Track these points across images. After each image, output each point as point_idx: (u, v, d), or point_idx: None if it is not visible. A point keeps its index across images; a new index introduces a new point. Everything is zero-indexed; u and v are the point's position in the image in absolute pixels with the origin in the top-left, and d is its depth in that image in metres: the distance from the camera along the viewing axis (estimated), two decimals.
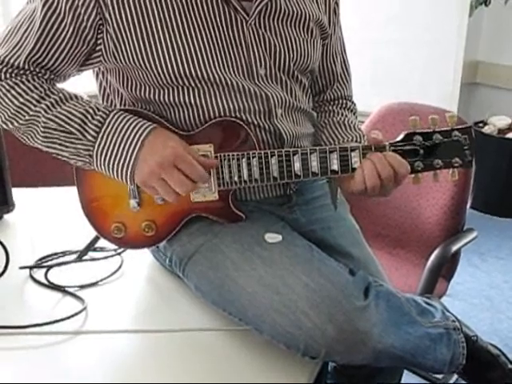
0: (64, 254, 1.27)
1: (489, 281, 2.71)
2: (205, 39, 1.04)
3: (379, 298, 0.99)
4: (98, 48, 1.05)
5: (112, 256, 1.26)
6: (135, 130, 1.00)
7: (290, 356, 0.97)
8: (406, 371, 1.44)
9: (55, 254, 1.27)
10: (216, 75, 1.05)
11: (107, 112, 1.02)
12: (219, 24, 1.06)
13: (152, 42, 1.03)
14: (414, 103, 1.87)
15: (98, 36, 1.03)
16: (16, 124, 1.03)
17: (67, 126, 1.01)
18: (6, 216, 1.47)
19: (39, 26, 1.02)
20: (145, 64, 1.04)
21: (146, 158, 0.99)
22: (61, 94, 1.03)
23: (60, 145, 1.03)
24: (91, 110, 1.01)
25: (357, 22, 2.91)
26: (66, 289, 1.14)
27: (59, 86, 1.09)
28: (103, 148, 1.01)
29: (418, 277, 1.55)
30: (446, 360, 1.06)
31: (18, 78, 1.03)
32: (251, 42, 1.08)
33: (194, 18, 1.04)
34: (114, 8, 1.01)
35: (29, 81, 1.03)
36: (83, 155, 1.03)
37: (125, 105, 1.13)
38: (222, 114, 1.07)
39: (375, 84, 3.05)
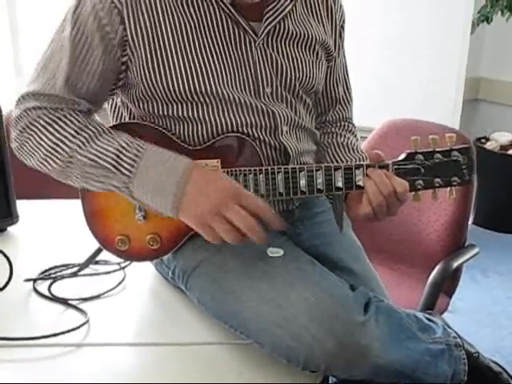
0: (67, 266, 1.27)
1: (491, 297, 2.70)
2: (215, 57, 1.06)
3: (379, 314, 1.00)
4: (123, 67, 1.06)
5: (115, 270, 1.27)
6: (175, 164, 0.99)
7: (291, 370, 0.98)
8: None
9: (58, 266, 1.27)
10: (224, 92, 1.07)
11: (142, 145, 1.01)
12: (229, 43, 1.08)
13: (165, 59, 1.04)
14: (416, 119, 1.88)
15: (123, 53, 1.05)
16: (53, 165, 1.02)
17: (102, 162, 1.00)
18: (10, 228, 1.48)
19: (70, 52, 1.03)
20: (156, 79, 1.05)
21: (200, 192, 0.97)
22: (95, 129, 1.03)
23: (97, 181, 1.02)
24: (125, 144, 1.00)
25: (361, 38, 2.93)
26: (69, 302, 1.15)
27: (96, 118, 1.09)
28: (143, 182, 0.99)
29: (420, 292, 1.55)
30: (447, 376, 1.06)
31: (56, 113, 1.02)
32: (259, 62, 1.10)
33: (204, 37, 1.06)
34: (130, 25, 1.03)
35: (65, 116, 1.03)
36: (121, 189, 1.01)
37: (133, 118, 1.14)
38: (230, 129, 1.09)
39: (378, 100, 3.07)
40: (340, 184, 1.08)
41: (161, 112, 1.09)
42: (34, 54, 2.68)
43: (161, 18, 1.05)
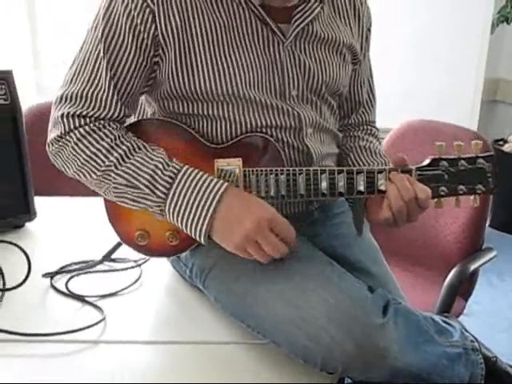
0: (85, 263, 1.28)
1: (507, 301, 2.67)
2: (243, 59, 1.06)
3: (398, 316, 0.99)
4: (155, 67, 1.06)
5: (132, 267, 1.27)
6: (209, 190, 1.00)
7: (308, 371, 0.97)
8: None
9: (76, 263, 1.28)
10: (251, 94, 1.07)
11: (178, 167, 1.01)
12: (257, 44, 1.08)
13: (193, 58, 1.04)
14: (434, 120, 1.87)
15: (156, 53, 1.05)
16: (88, 177, 1.03)
17: (136, 182, 1.01)
18: (27, 224, 1.49)
19: (104, 53, 1.03)
20: (183, 79, 1.05)
21: (234, 217, 0.99)
22: (129, 144, 1.03)
23: (131, 200, 1.03)
24: (161, 165, 1.01)
25: (379, 38, 2.91)
26: (86, 298, 1.15)
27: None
28: (175, 205, 1.00)
29: (436, 295, 1.54)
30: (464, 380, 1.05)
31: (91, 125, 1.03)
32: (286, 63, 1.10)
33: (233, 38, 1.06)
34: (161, 24, 1.03)
35: (99, 129, 1.03)
36: (154, 210, 1.03)
37: (157, 114, 1.14)
38: (254, 129, 1.09)
39: (396, 100, 3.04)
40: (362, 188, 1.07)
41: (185, 110, 1.09)
42: (52, 44, 2.69)
43: (191, 18, 1.04)
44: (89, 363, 0.99)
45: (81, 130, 1.03)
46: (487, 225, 1.75)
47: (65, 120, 1.03)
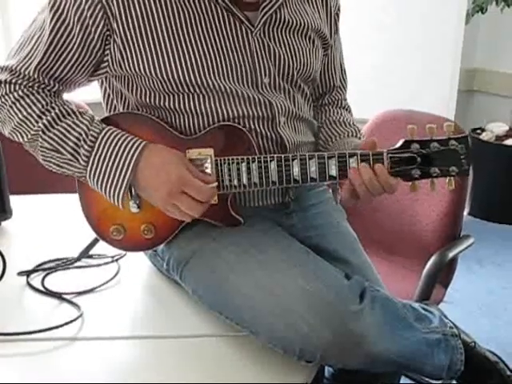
0: (61, 260, 1.26)
1: (486, 287, 2.71)
2: (210, 49, 1.06)
3: (375, 303, 1.00)
4: (105, 59, 1.07)
5: (109, 263, 1.26)
6: (123, 158, 1.02)
7: (287, 362, 0.97)
8: (403, 378, 1.43)
9: (52, 260, 1.26)
10: (221, 84, 1.07)
11: (96, 135, 1.03)
12: (225, 34, 1.07)
13: (159, 51, 1.04)
14: (412, 110, 1.87)
15: (106, 47, 1.05)
16: (21, 139, 1.07)
17: (61, 149, 1.03)
18: (3, 223, 1.47)
19: (48, 36, 1.04)
20: (150, 72, 1.05)
21: (150, 185, 1.02)
22: (58, 110, 1.05)
23: (56, 165, 1.06)
24: (84, 134, 1.03)
25: (355, 27, 2.91)
26: (63, 296, 1.14)
27: (65, 96, 1.12)
28: (95, 172, 1.03)
29: (415, 283, 1.55)
30: (443, 366, 1.06)
31: (25, 90, 1.06)
32: (256, 52, 1.10)
33: (199, 27, 1.06)
34: (121, 18, 1.03)
35: (33, 94, 1.06)
36: (77, 176, 1.06)
37: (128, 107, 1.14)
38: (226, 120, 1.08)
39: (373, 91, 3.05)
40: (334, 172, 1.07)
41: (157, 103, 1.09)
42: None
43: (154, 10, 1.04)
44: (67, 361, 0.98)
45: (15, 94, 1.06)
46: (467, 213, 1.77)
47: (1, 85, 1.07)
